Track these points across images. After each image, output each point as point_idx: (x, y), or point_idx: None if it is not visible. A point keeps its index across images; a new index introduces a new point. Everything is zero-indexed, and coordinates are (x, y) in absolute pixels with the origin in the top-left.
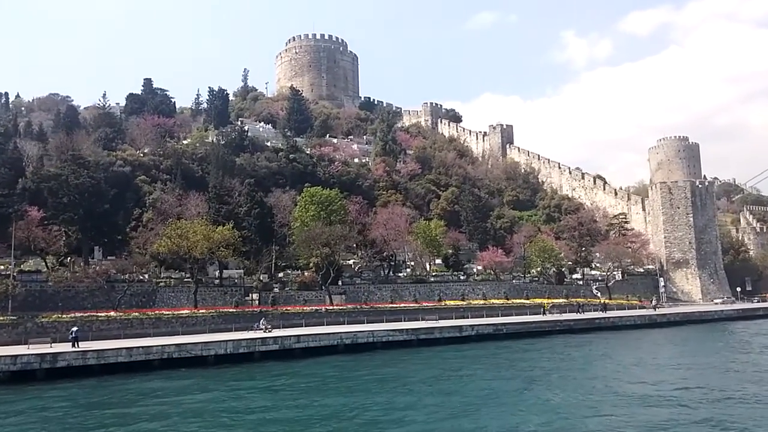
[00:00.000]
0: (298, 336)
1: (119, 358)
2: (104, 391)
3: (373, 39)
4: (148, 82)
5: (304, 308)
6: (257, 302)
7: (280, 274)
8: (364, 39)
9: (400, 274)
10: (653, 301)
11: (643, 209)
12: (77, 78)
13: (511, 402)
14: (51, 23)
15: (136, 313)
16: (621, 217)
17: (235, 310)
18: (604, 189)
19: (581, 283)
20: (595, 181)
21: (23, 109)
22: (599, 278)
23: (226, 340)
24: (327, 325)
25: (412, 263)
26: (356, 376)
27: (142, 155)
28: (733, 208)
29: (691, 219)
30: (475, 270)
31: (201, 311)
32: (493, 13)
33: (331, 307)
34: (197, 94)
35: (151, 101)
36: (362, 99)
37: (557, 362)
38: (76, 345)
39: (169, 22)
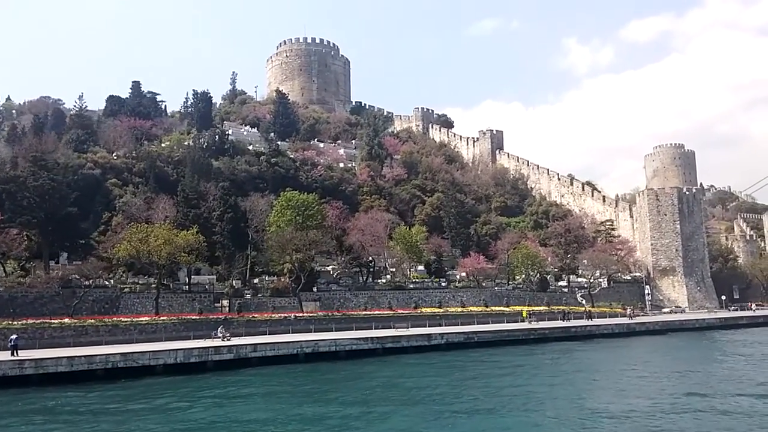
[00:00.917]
0: (255, 345)
1: (59, 367)
2: (7, 408)
3: (374, 45)
4: (136, 84)
5: (272, 315)
6: (227, 309)
7: (256, 280)
8: (364, 45)
9: (380, 281)
10: (628, 310)
11: (631, 216)
12: (72, 82)
13: (431, 419)
14: (47, 26)
15: (92, 320)
16: (608, 223)
17: (198, 317)
18: (593, 195)
19: (566, 290)
20: (583, 188)
21: (14, 112)
22: (585, 285)
23: (176, 349)
24: (293, 333)
25: (393, 270)
26: (292, 387)
27: (115, 158)
28: (728, 216)
29: (678, 226)
30: (457, 277)
31: (162, 318)
32: (495, 19)
33: (300, 315)
34: (186, 98)
35: (128, 103)
36: (354, 104)
37: (512, 372)
38: (15, 353)
39: (166, 26)
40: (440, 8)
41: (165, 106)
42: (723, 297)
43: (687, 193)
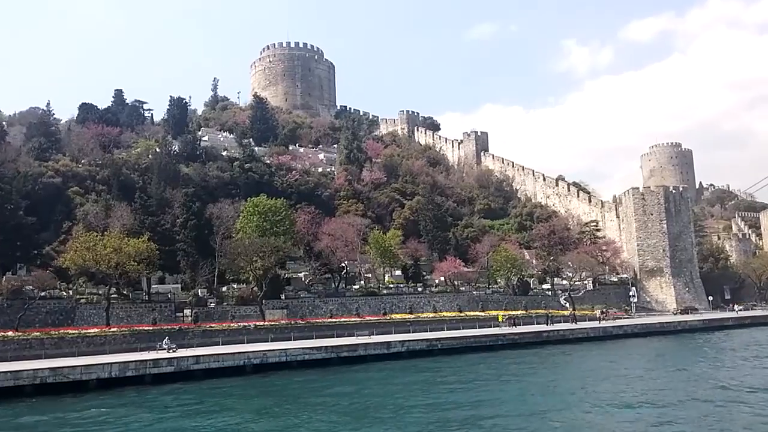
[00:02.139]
0: (198, 357)
1: None
2: None
3: (371, 51)
4: (118, 93)
5: (231, 325)
6: (189, 319)
7: (224, 288)
8: (360, 51)
9: (354, 287)
10: (598, 312)
11: (618, 216)
12: (64, 94)
13: None
14: (36, 40)
15: (37, 333)
16: (592, 224)
17: (151, 328)
18: (578, 196)
19: (550, 293)
20: (569, 188)
21: (4, 123)
22: (570, 288)
23: (111, 363)
24: (248, 342)
25: (369, 275)
26: (197, 403)
27: (77, 166)
28: (726, 214)
29: (665, 226)
30: (436, 282)
31: (112, 330)
32: (494, 23)
33: (261, 323)
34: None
35: (101, 111)
36: (339, 108)
37: (436, 383)
38: None
39: (155, 35)
40: (438, 13)
41: (152, 114)
42: (710, 298)
43: (674, 191)
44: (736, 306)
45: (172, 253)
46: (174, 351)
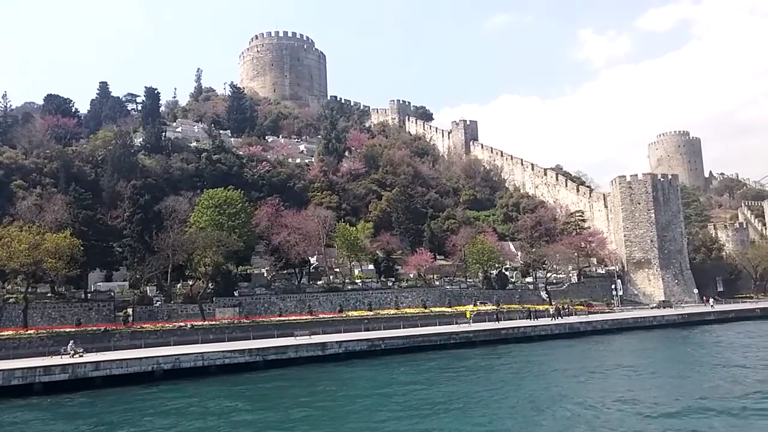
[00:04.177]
0: (97, 362)
1: None
2: None
3: (389, 42)
4: (103, 85)
5: (165, 325)
6: (132, 319)
7: (179, 285)
8: (382, 42)
9: (319, 282)
10: (552, 309)
11: (606, 206)
12: (75, 87)
13: None
14: (49, 28)
15: None
16: (578, 214)
17: (73, 330)
18: (566, 185)
19: (531, 287)
20: (557, 177)
21: None
22: (553, 281)
23: None
24: (176, 345)
25: (338, 270)
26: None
27: (23, 158)
28: (734, 204)
29: (653, 215)
30: (411, 275)
31: (29, 332)
32: (509, 14)
33: (199, 323)
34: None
35: (53, 101)
36: (329, 98)
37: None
38: None
39: (152, 26)
40: (453, 5)
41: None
42: (696, 290)
43: (662, 180)
44: (711, 300)
45: (119, 248)
46: (80, 356)
